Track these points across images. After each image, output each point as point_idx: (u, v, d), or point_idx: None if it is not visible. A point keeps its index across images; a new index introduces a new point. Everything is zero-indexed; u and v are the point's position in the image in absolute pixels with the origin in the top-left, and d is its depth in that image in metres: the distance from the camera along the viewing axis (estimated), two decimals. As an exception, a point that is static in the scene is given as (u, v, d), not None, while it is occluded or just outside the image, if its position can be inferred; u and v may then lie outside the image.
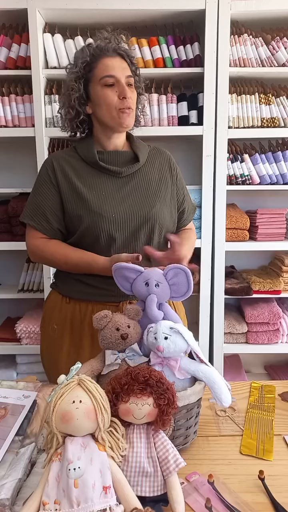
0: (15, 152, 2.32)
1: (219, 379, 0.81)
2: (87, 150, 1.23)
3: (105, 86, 1.17)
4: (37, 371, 2.30)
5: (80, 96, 1.20)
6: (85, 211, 1.16)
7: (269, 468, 0.78)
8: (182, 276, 0.93)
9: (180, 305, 1.30)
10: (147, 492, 0.66)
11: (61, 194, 1.20)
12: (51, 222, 1.21)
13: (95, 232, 1.16)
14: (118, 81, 1.17)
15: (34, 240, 1.23)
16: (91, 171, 1.21)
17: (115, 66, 1.17)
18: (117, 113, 1.17)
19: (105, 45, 1.18)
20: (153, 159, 1.29)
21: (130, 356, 0.86)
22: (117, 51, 1.19)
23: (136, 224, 1.17)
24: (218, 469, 0.78)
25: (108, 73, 1.16)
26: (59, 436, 0.64)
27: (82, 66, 1.19)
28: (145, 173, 1.25)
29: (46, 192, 1.21)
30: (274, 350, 2.19)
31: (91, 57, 1.18)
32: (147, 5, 1.89)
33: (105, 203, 1.17)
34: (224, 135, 1.99)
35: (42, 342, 1.34)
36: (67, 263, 1.19)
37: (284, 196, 2.32)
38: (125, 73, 1.18)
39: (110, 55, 1.18)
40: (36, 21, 1.89)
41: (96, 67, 1.18)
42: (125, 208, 1.18)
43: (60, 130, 1.34)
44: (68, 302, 1.23)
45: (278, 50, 1.98)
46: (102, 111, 1.19)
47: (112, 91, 1.17)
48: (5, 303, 2.35)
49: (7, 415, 0.84)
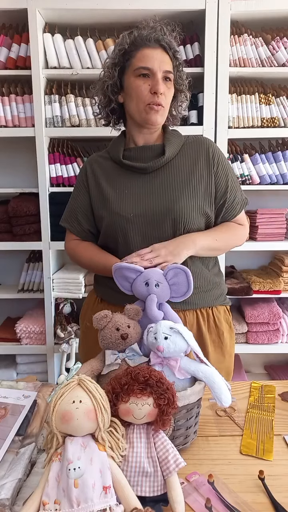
0: (15, 152, 2.32)
1: (219, 379, 0.81)
2: (115, 149, 1.21)
3: (138, 76, 1.10)
4: (37, 371, 2.31)
5: (113, 83, 1.15)
6: (106, 211, 1.16)
7: (269, 468, 0.78)
8: (182, 276, 0.93)
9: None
10: (147, 492, 0.66)
11: (91, 197, 1.21)
12: (82, 224, 1.23)
13: (113, 232, 1.14)
14: (154, 74, 1.09)
15: (69, 242, 1.28)
16: (119, 171, 1.19)
17: (154, 58, 1.09)
18: (144, 108, 1.11)
19: (147, 34, 1.10)
20: (188, 150, 1.19)
21: (130, 356, 0.86)
22: (160, 42, 1.10)
23: (156, 223, 1.12)
24: (218, 469, 0.78)
25: (144, 65, 1.09)
26: (59, 436, 0.64)
27: (120, 53, 1.13)
28: (174, 167, 1.16)
29: (79, 196, 1.24)
30: (274, 350, 2.19)
31: (131, 45, 1.11)
32: (147, 5, 1.89)
33: (125, 202, 1.14)
34: (224, 135, 1.99)
35: (80, 336, 1.38)
36: (91, 265, 1.22)
37: (284, 196, 2.32)
38: (163, 67, 1.10)
39: (151, 45, 1.10)
40: (36, 21, 1.89)
41: (134, 56, 1.11)
42: (145, 206, 1.13)
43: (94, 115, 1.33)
44: (100, 303, 1.24)
45: (278, 50, 1.98)
46: (131, 103, 1.14)
47: (145, 84, 1.10)
48: (5, 303, 2.35)
49: (7, 415, 0.84)
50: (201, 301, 1.17)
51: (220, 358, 1.21)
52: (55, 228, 2.10)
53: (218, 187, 1.17)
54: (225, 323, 1.22)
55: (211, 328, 1.19)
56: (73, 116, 1.99)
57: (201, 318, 1.17)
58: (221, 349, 1.21)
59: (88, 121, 2.01)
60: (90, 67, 1.98)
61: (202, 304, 1.18)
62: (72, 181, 2.07)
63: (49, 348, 2.19)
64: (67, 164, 2.06)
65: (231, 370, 1.27)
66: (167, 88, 1.13)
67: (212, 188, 1.16)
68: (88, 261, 1.22)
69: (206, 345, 1.18)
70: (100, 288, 1.26)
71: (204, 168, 1.17)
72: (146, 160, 1.16)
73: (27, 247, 2.13)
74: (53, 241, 2.10)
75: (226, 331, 1.21)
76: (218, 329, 1.19)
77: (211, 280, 1.20)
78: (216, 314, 1.20)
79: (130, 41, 1.11)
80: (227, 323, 1.23)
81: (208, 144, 1.20)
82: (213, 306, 1.20)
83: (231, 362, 1.26)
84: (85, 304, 1.34)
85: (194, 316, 1.17)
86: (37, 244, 2.11)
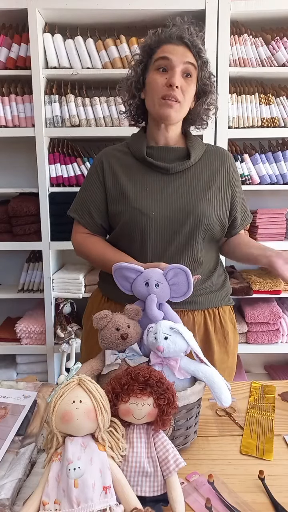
0: (15, 152, 2.32)
1: (219, 379, 0.81)
2: (137, 145, 1.19)
3: (157, 70, 1.10)
4: (37, 371, 2.31)
5: (137, 80, 1.15)
6: (125, 207, 1.13)
7: (269, 468, 0.78)
8: (182, 276, 0.93)
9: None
10: (147, 492, 0.66)
11: (106, 191, 1.18)
12: (94, 218, 1.20)
13: (131, 229, 1.13)
14: (172, 66, 1.08)
15: (77, 234, 1.24)
16: (139, 167, 1.17)
17: (175, 52, 1.08)
18: (159, 101, 1.09)
19: (170, 32, 1.09)
20: (209, 159, 1.20)
21: (130, 356, 0.86)
22: (183, 40, 1.09)
23: (176, 224, 1.11)
24: (218, 469, 0.78)
25: (163, 55, 1.08)
26: (59, 436, 0.64)
27: (144, 50, 1.13)
28: (196, 172, 1.17)
29: (93, 188, 1.20)
30: (274, 350, 2.19)
31: (154, 42, 1.11)
32: (147, 5, 1.89)
33: (146, 200, 1.13)
34: (224, 135, 1.99)
35: (82, 337, 1.37)
36: (102, 261, 1.17)
37: (284, 196, 2.32)
38: (184, 59, 1.08)
39: (174, 42, 1.09)
40: (36, 21, 1.89)
41: (156, 52, 1.11)
42: (167, 206, 1.12)
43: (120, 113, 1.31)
44: (106, 302, 1.24)
45: (278, 50, 1.98)
46: (148, 96, 1.13)
47: (162, 77, 1.09)
48: (5, 303, 2.35)
49: (7, 415, 0.84)
50: (208, 301, 1.19)
51: (224, 358, 1.22)
52: (55, 228, 2.10)
53: (234, 203, 1.21)
54: (230, 323, 1.24)
55: (217, 328, 1.20)
56: (73, 116, 1.99)
57: (208, 318, 1.19)
58: (225, 349, 1.22)
59: (88, 121, 2.01)
60: (90, 67, 1.98)
61: (210, 305, 1.19)
62: (72, 181, 2.07)
63: (49, 348, 2.19)
64: (67, 164, 2.06)
65: (234, 370, 1.28)
66: (187, 84, 1.10)
67: (228, 201, 1.20)
68: (98, 257, 1.19)
69: (212, 345, 1.19)
70: (106, 286, 1.24)
71: (223, 180, 1.19)
72: (168, 161, 1.16)
73: (27, 247, 2.13)
74: (53, 241, 2.10)
75: (231, 331, 1.23)
76: (223, 329, 1.21)
77: (217, 281, 1.23)
78: (222, 314, 1.21)
79: (154, 38, 1.11)
80: (232, 323, 1.25)
81: (230, 159, 1.23)
82: (219, 306, 1.21)
83: (234, 361, 1.27)
84: (90, 304, 1.32)
85: (202, 316, 1.18)
86: (37, 244, 2.11)
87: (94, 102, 1.99)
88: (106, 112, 2.01)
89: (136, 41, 1.97)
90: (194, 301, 1.16)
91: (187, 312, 1.16)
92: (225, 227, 1.21)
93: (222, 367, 1.21)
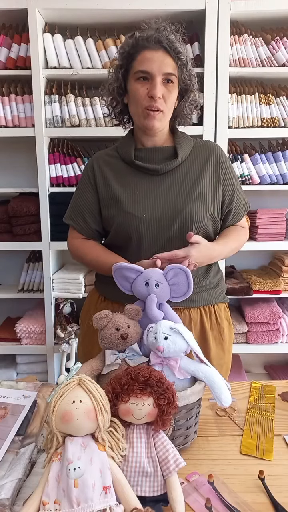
0: (15, 152, 2.32)
1: (219, 379, 0.81)
2: (125, 149, 1.19)
3: (138, 80, 1.10)
4: (37, 371, 2.31)
5: (119, 86, 1.16)
6: (117, 211, 1.15)
7: (269, 468, 0.78)
8: (182, 276, 0.93)
9: None
10: (147, 492, 0.66)
11: (99, 195, 1.20)
12: (88, 223, 1.22)
13: (126, 232, 1.14)
14: (153, 77, 1.08)
15: (73, 240, 1.27)
16: (129, 170, 1.18)
17: (154, 60, 1.07)
18: (142, 112, 1.11)
19: (148, 36, 1.08)
20: (197, 154, 1.20)
21: (130, 356, 0.86)
22: (161, 44, 1.08)
23: (167, 223, 1.12)
24: (218, 469, 0.78)
25: (143, 68, 1.08)
26: (59, 436, 0.64)
27: (122, 56, 1.13)
28: (185, 170, 1.17)
29: (85, 194, 1.22)
30: (274, 350, 2.19)
31: (132, 48, 1.10)
32: (147, 5, 1.89)
33: (138, 203, 1.14)
34: (224, 135, 1.99)
35: (79, 337, 1.37)
36: (97, 264, 1.20)
37: (284, 196, 2.32)
38: (163, 69, 1.08)
39: (152, 47, 1.08)
40: (36, 21, 1.89)
41: (135, 59, 1.10)
42: (158, 207, 1.13)
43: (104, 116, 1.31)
44: (103, 301, 1.24)
45: (278, 50, 1.98)
46: (132, 106, 1.15)
47: (143, 87, 1.09)
48: (5, 303, 2.35)
49: (7, 415, 0.84)
50: (204, 299, 1.20)
51: (221, 354, 1.23)
52: (55, 228, 2.10)
53: (226, 194, 1.21)
54: (225, 320, 1.25)
55: (213, 325, 1.21)
56: (73, 116, 1.99)
57: (204, 316, 1.20)
58: (221, 346, 1.23)
59: (88, 121, 2.01)
60: (90, 67, 1.98)
61: (205, 302, 1.20)
62: (72, 181, 2.07)
63: (49, 348, 2.19)
64: (67, 164, 2.06)
65: (229, 367, 1.29)
66: (168, 91, 1.11)
67: (219, 194, 1.19)
68: (93, 260, 1.21)
69: (208, 341, 1.20)
70: (103, 286, 1.26)
71: (213, 173, 1.19)
72: (157, 161, 1.17)
73: (27, 247, 2.13)
74: (53, 241, 2.10)
75: (226, 328, 1.24)
76: (219, 326, 1.22)
77: (213, 279, 1.24)
78: (217, 311, 1.23)
79: (131, 43, 1.11)
80: (227, 320, 1.26)
81: (217, 151, 1.22)
82: (215, 304, 1.23)
83: (230, 358, 1.28)
84: (86, 304, 1.33)
85: (198, 313, 1.19)
86: (37, 244, 2.11)
87: (94, 102, 1.99)
88: (106, 112, 2.00)
89: (136, 41, 1.97)
90: (190, 298, 1.14)
91: (183, 310, 1.17)
92: (218, 222, 1.21)
93: (219, 364, 1.22)
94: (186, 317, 1.18)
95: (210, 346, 1.20)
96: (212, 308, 1.22)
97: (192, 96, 1.20)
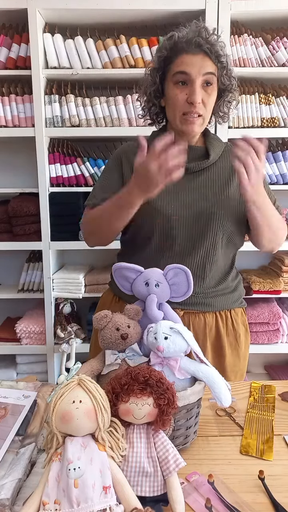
0: (15, 152, 2.32)
1: (219, 379, 0.81)
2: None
3: (176, 84, 1.07)
4: (37, 371, 2.31)
5: (156, 90, 1.13)
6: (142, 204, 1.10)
7: (269, 468, 0.78)
8: (182, 276, 0.93)
9: None
10: (147, 492, 0.66)
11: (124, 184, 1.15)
12: None
13: (149, 227, 1.12)
14: (192, 81, 1.05)
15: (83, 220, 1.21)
16: None
17: (193, 64, 1.04)
18: (180, 118, 1.09)
19: (187, 40, 1.04)
20: (226, 157, 1.18)
21: (130, 356, 0.86)
22: (201, 47, 1.04)
23: (193, 222, 1.10)
24: (218, 469, 0.78)
25: (182, 69, 1.05)
26: (59, 436, 0.64)
27: (160, 59, 1.10)
28: (215, 171, 1.16)
29: (111, 181, 1.18)
30: (274, 350, 2.19)
31: (170, 51, 1.07)
32: (147, 5, 1.89)
33: (164, 198, 1.11)
34: (224, 135, 1.99)
35: (92, 337, 1.33)
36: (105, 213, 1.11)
37: (284, 196, 2.31)
38: (203, 70, 1.05)
39: (191, 51, 1.05)
40: (36, 21, 1.89)
41: (173, 62, 1.07)
42: (184, 205, 1.11)
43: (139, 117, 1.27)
44: (117, 302, 1.22)
45: (278, 50, 1.98)
46: (169, 110, 1.12)
47: (182, 92, 1.06)
48: (5, 303, 2.35)
49: (7, 415, 0.84)
50: (221, 303, 1.18)
51: (236, 361, 1.21)
52: (55, 228, 2.10)
53: None
54: (242, 325, 1.22)
55: (228, 330, 1.19)
56: (73, 116, 1.99)
57: (220, 321, 1.18)
58: (237, 352, 1.21)
59: (88, 121, 2.01)
60: (90, 67, 1.98)
61: (222, 307, 1.18)
62: (72, 181, 2.07)
63: (49, 348, 2.19)
64: (67, 164, 2.06)
65: (244, 373, 1.27)
66: (207, 95, 1.08)
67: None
68: (100, 213, 1.12)
69: (223, 348, 1.18)
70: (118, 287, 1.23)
71: None
72: (188, 160, 1.13)
73: (27, 247, 2.13)
74: (53, 241, 2.10)
75: (242, 334, 1.21)
76: (235, 332, 1.20)
77: (231, 283, 1.21)
78: (234, 316, 1.20)
79: (169, 46, 1.07)
80: (244, 325, 1.23)
81: None
82: (232, 309, 1.20)
83: (245, 365, 1.26)
84: (101, 305, 1.29)
85: (213, 318, 1.17)
86: (37, 244, 2.11)
87: (94, 102, 1.99)
88: (106, 112, 2.01)
89: (136, 41, 1.97)
90: (206, 302, 1.15)
91: (198, 314, 1.15)
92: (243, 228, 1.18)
93: (234, 370, 1.20)
94: (201, 321, 1.15)
95: (226, 353, 1.18)
96: (229, 313, 1.19)
97: (230, 95, 1.17)
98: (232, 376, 1.20)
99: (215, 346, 1.18)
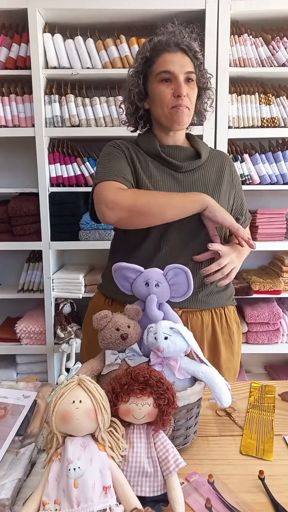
0: (15, 152, 2.32)
1: (219, 379, 0.81)
2: (149, 143, 1.20)
3: (161, 82, 1.13)
4: (37, 371, 2.31)
5: (139, 91, 1.17)
6: None
7: (269, 468, 0.78)
8: (182, 276, 0.93)
9: None
10: (147, 492, 0.66)
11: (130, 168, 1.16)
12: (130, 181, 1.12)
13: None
14: (176, 77, 1.11)
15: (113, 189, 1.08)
16: (153, 163, 1.18)
17: (174, 62, 1.11)
18: (169, 111, 1.13)
19: (166, 40, 1.12)
20: (213, 159, 1.24)
21: (130, 356, 0.86)
22: (180, 46, 1.13)
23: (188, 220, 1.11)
24: (218, 469, 0.78)
25: (165, 68, 1.12)
26: (59, 436, 0.64)
27: (142, 61, 1.15)
28: (204, 171, 1.20)
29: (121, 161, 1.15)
30: (274, 350, 2.19)
31: (151, 52, 1.14)
32: (147, 5, 1.89)
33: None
34: (224, 135, 1.99)
35: (83, 341, 1.34)
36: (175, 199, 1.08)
37: (284, 196, 2.32)
38: (184, 69, 1.12)
39: (171, 50, 1.12)
40: (36, 21, 1.89)
41: (155, 62, 1.14)
42: None
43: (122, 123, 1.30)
44: (110, 304, 1.22)
45: (278, 50, 1.98)
46: (156, 108, 1.16)
47: (167, 88, 1.12)
48: (5, 303, 2.35)
49: (7, 415, 0.84)
50: (216, 301, 1.20)
51: (230, 358, 1.23)
52: (55, 228, 2.10)
53: (237, 202, 1.27)
54: (235, 323, 1.25)
55: (223, 327, 1.21)
56: (73, 116, 1.99)
57: (215, 318, 1.20)
58: (231, 349, 1.23)
59: (88, 121, 2.01)
60: (90, 67, 1.98)
61: (216, 304, 1.21)
62: (72, 181, 2.07)
63: (49, 348, 2.19)
64: (67, 164, 2.06)
65: (238, 370, 1.29)
66: (190, 89, 1.14)
67: (231, 200, 1.24)
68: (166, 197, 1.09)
69: (219, 345, 1.20)
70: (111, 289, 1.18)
71: (227, 180, 1.23)
72: (180, 159, 1.19)
73: (27, 247, 2.13)
74: (53, 241, 2.10)
75: (235, 331, 1.24)
76: (229, 329, 1.22)
77: None
78: (227, 313, 1.23)
79: (150, 48, 1.14)
80: (236, 323, 1.26)
81: (230, 162, 1.29)
82: (225, 306, 1.23)
83: (238, 361, 1.28)
84: (91, 309, 1.28)
85: (209, 316, 1.19)
86: (37, 244, 2.11)
87: (94, 102, 2.00)
88: (106, 112, 2.01)
89: (136, 41, 1.97)
90: (204, 300, 1.18)
91: (195, 312, 1.17)
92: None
93: (228, 367, 1.22)
94: (199, 320, 1.18)
95: (221, 350, 1.20)
96: (223, 310, 1.22)
97: (208, 93, 1.24)
98: (226, 373, 1.22)
99: (211, 343, 1.20)
